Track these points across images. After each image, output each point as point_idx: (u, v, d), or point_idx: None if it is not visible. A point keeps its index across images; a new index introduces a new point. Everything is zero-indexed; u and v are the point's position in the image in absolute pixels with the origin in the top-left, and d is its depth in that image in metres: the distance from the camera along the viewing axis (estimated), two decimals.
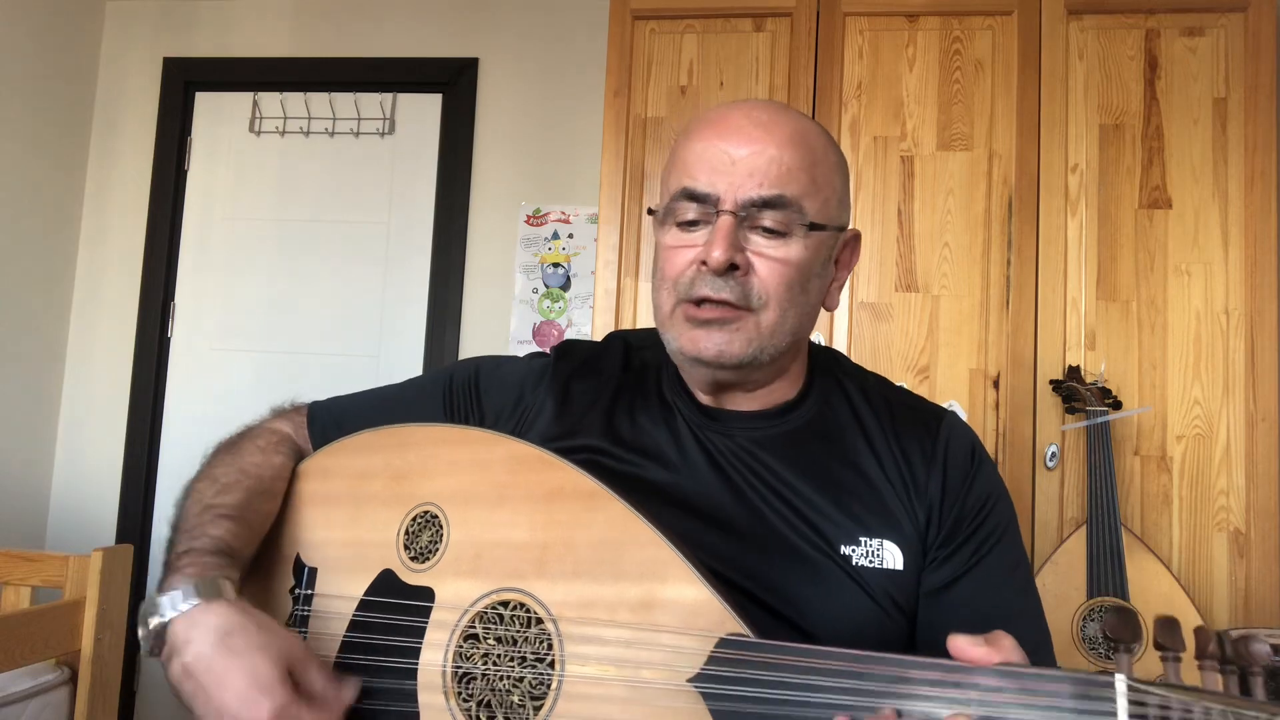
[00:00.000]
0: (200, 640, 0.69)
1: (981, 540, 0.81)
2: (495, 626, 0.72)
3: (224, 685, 0.67)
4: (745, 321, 0.79)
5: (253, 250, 2.73)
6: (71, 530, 2.68)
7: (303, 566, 0.83)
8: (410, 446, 0.82)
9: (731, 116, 0.81)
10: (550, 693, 0.69)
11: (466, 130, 2.63)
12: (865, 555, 0.79)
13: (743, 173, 0.78)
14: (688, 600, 0.67)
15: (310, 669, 0.71)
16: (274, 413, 0.97)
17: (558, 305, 2.56)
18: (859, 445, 0.84)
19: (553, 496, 0.74)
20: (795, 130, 0.80)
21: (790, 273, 0.79)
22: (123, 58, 2.81)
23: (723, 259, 0.76)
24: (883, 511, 0.81)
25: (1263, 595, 1.76)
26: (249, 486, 0.84)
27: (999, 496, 0.84)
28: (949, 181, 1.93)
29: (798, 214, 0.78)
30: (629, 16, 2.06)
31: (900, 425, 0.85)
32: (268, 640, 0.70)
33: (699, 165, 0.80)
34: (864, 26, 2.00)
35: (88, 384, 2.73)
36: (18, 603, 1.61)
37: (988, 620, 0.78)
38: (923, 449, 0.83)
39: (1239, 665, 0.54)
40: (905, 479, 0.82)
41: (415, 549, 0.78)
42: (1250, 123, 1.86)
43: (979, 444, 0.87)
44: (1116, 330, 1.86)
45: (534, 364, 0.95)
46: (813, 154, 0.80)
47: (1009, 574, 0.82)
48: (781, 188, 0.78)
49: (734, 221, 0.78)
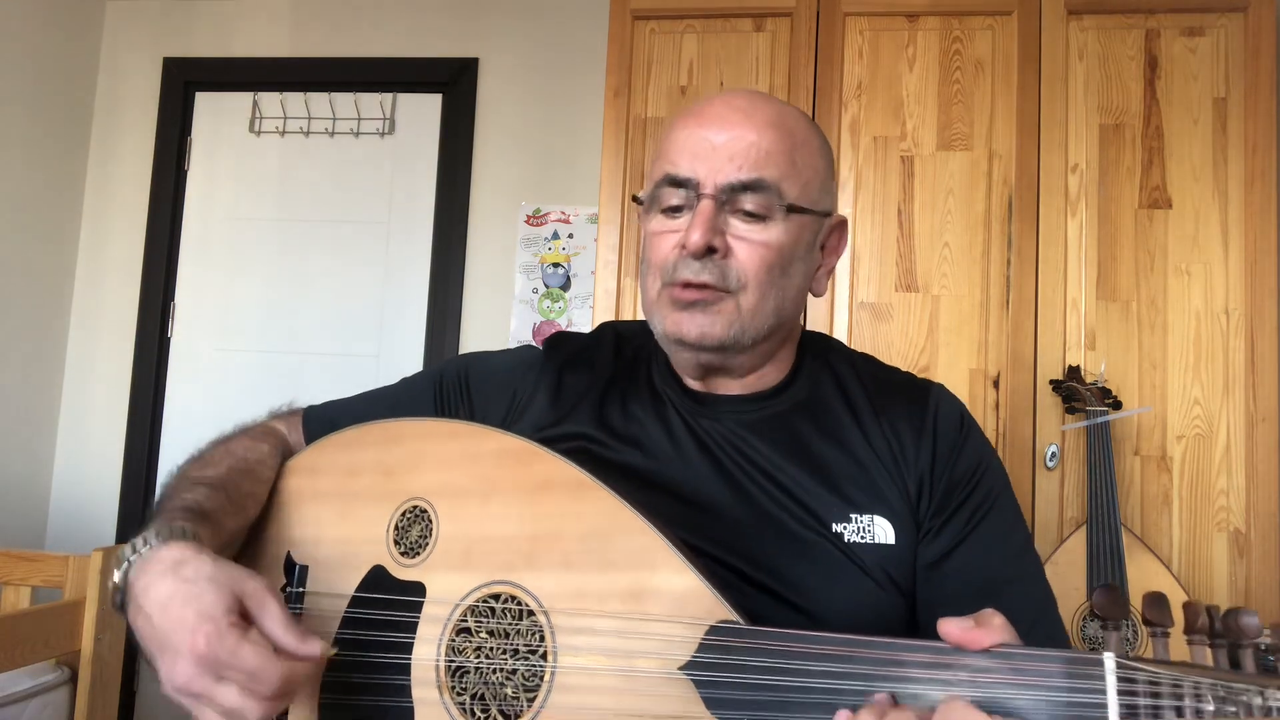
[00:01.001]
0: (151, 572, 0.67)
1: (975, 507, 0.82)
2: (487, 620, 0.72)
3: (167, 610, 0.64)
4: (725, 304, 0.80)
5: (253, 250, 2.73)
6: (71, 530, 2.68)
7: (293, 565, 0.83)
8: (398, 442, 0.82)
9: (712, 105, 0.83)
10: (543, 684, 0.69)
11: (466, 130, 2.63)
12: (857, 532, 0.79)
13: (722, 157, 0.79)
14: (677, 588, 0.67)
15: (268, 609, 0.67)
16: (271, 415, 0.98)
17: (558, 305, 2.56)
18: (846, 423, 0.85)
19: (541, 488, 0.74)
20: (773, 115, 0.82)
21: (770, 255, 0.80)
22: (123, 58, 2.81)
23: (700, 242, 0.78)
24: (872, 488, 0.81)
25: (1263, 595, 1.76)
26: (230, 464, 0.84)
27: (989, 462, 0.85)
28: (949, 181, 1.93)
29: (777, 197, 0.79)
30: (629, 16, 2.06)
31: (889, 400, 0.86)
32: (220, 570, 0.66)
33: (680, 152, 0.81)
34: (864, 26, 2.00)
35: (88, 384, 2.73)
36: (18, 603, 1.61)
37: (988, 587, 0.79)
38: (911, 421, 0.84)
39: (1229, 639, 0.54)
40: (895, 453, 0.83)
41: (405, 544, 0.78)
42: (1250, 123, 1.86)
43: (967, 413, 0.87)
44: (1116, 330, 1.86)
45: (525, 355, 0.96)
46: (792, 138, 0.81)
47: (1005, 539, 0.82)
48: (759, 171, 0.79)
49: (714, 205, 0.79)
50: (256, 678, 0.62)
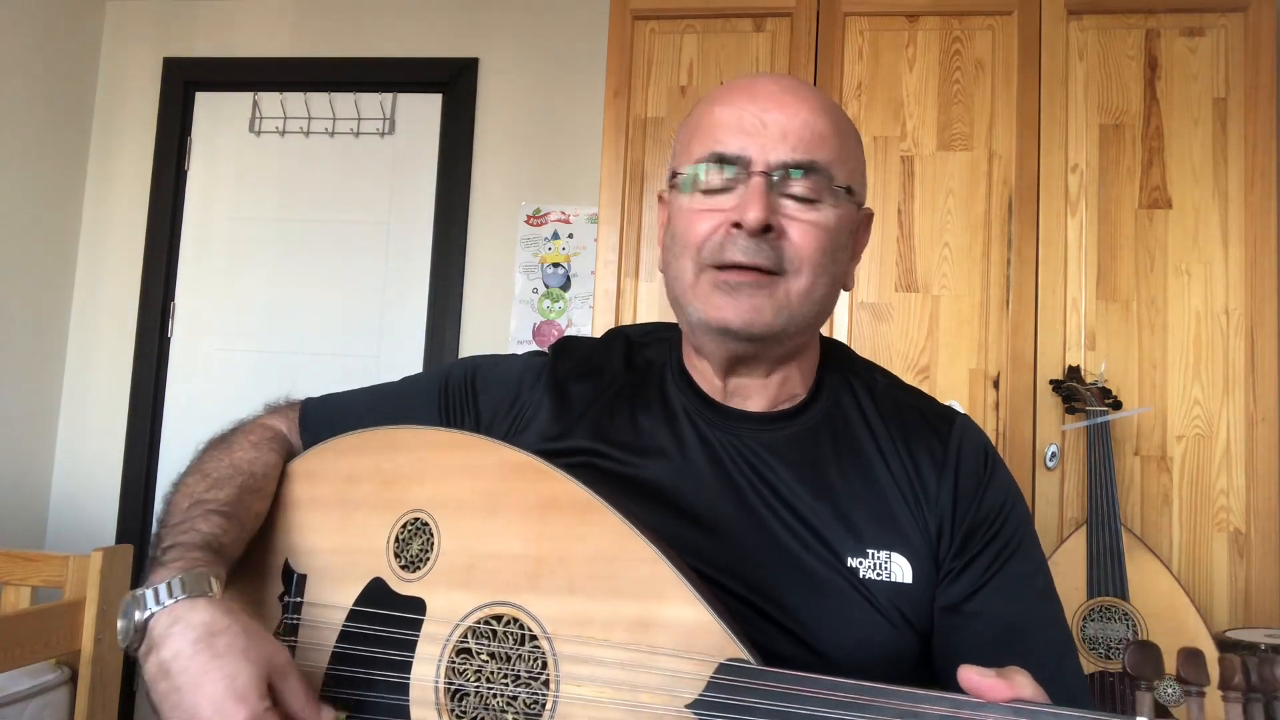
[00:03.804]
0: (181, 637, 0.65)
1: (997, 551, 0.78)
2: (488, 642, 0.70)
3: (199, 688, 0.63)
4: (776, 287, 0.76)
5: (253, 250, 2.73)
6: (71, 530, 2.68)
7: (291, 573, 0.81)
8: (399, 450, 0.80)
9: (760, 82, 0.80)
10: (545, 713, 0.67)
11: (466, 130, 2.63)
12: (872, 568, 0.76)
13: (775, 135, 0.76)
14: (687, 621, 0.65)
15: (291, 684, 0.68)
16: (268, 409, 0.94)
17: (558, 305, 2.56)
18: (868, 452, 0.81)
19: (546, 507, 0.72)
20: (823, 101, 0.80)
21: (824, 238, 0.77)
22: (123, 58, 2.81)
23: (760, 217, 0.74)
24: (891, 523, 0.78)
25: (1263, 595, 1.76)
26: (241, 483, 0.81)
27: (1013, 503, 0.81)
28: (949, 182, 1.93)
29: (828, 180, 0.77)
30: (629, 16, 2.06)
31: (909, 430, 0.82)
32: (251, 646, 0.66)
33: (727, 129, 0.77)
34: (864, 26, 2.00)
35: (88, 384, 2.73)
36: (18, 603, 1.61)
37: (1007, 634, 0.76)
38: (933, 456, 0.80)
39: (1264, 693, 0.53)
40: (915, 488, 0.79)
41: (406, 557, 0.76)
42: (1250, 123, 1.86)
43: (991, 448, 0.84)
44: (1116, 330, 1.86)
45: (532, 362, 0.92)
46: (839, 124, 0.79)
47: (1028, 584, 0.79)
48: (814, 153, 0.76)
49: (766, 183, 0.75)
50: None
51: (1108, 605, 1.67)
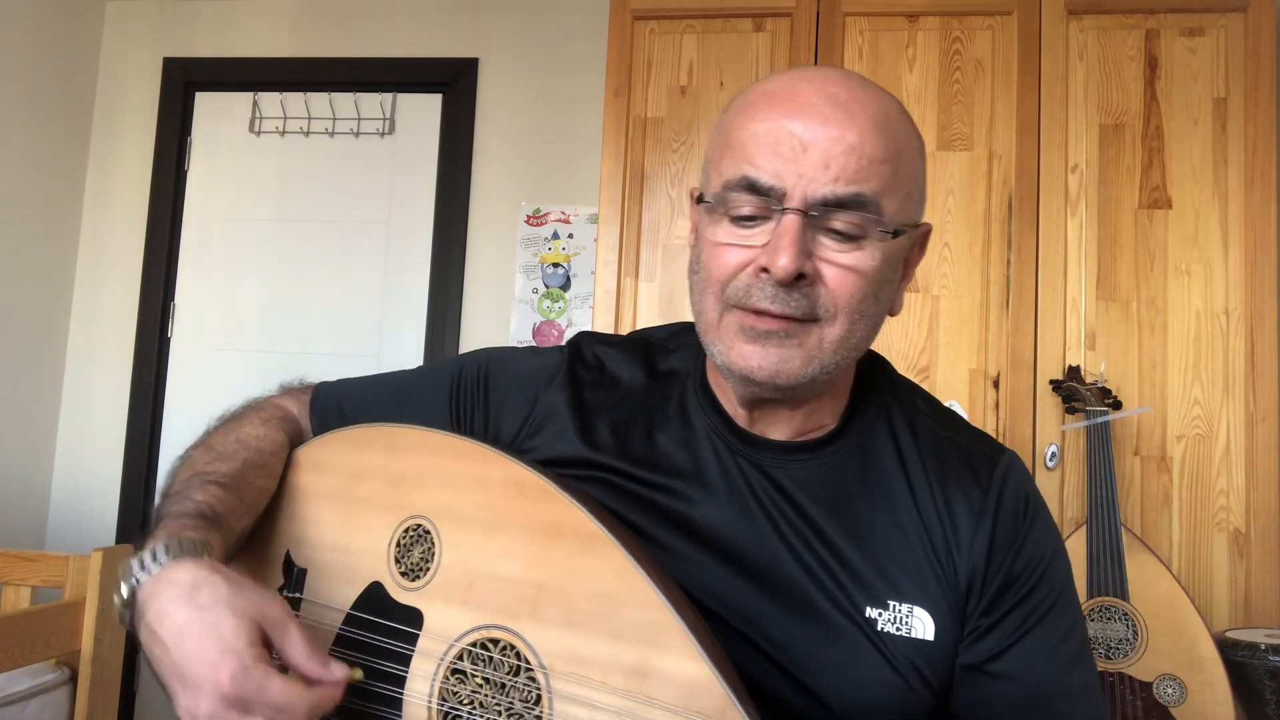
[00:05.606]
0: (164, 596, 0.62)
1: (1030, 610, 0.73)
2: (482, 666, 0.68)
3: (184, 641, 0.60)
4: (808, 336, 0.69)
5: (253, 250, 2.73)
6: (71, 530, 2.68)
7: (292, 566, 0.79)
8: (407, 450, 0.78)
9: (801, 91, 0.69)
10: None
11: (466, 130, 2.63)
12: (892, 621, 0.71)
13: (815, 163, 0.66)
14: (686, 677, 0.62)
15: (290, 635, 0.63)
16: (282, 389, 0.92)
17: (558, 305, 2.56)
18: (900, 493, 0.75)
19: (551, 532, 0.69)
20: (878, 112, 0.68)
21: (863, 284, 0.68)
22: (123, 58, 2.81)
23: (790, 268, 0.66)
24: (916, 572, 0.72)
25: (1263, 595, 1.76)
26: (245, 458, 0.78)
27: (1053, 557, 0.75)
28: (949, 181, 1.93)
29: (875, 216, 0.67)
30: (629, 16, 2.06)
31: (947, 473, 0.75)
32: (237, 596, 0.62)
33: (761, 150, 0.68)
34: (864, 26, 2.00)
35: (88, 384, 2.73)
36: (18, 603, 1.61)
37: (1033, 699, 0.72)
38: (970, 503, 0.74)
39: None
40: (948, 537, 0.73)
41: (406, 565, 0.74)
42: (1250, 123, 1.86)
43: (1036, 496, 0.77)
44: (1116, 330, 1.86)
45: (547, 362, 0.87)
46: (895, 141, 0.69)
47: (1059, 646, 0.73)
48: (860, 185, 0.66)
49: (801, 222, 0.66)
50: (284, 712, 0.60)
51: (1108, 605, 1.67)
